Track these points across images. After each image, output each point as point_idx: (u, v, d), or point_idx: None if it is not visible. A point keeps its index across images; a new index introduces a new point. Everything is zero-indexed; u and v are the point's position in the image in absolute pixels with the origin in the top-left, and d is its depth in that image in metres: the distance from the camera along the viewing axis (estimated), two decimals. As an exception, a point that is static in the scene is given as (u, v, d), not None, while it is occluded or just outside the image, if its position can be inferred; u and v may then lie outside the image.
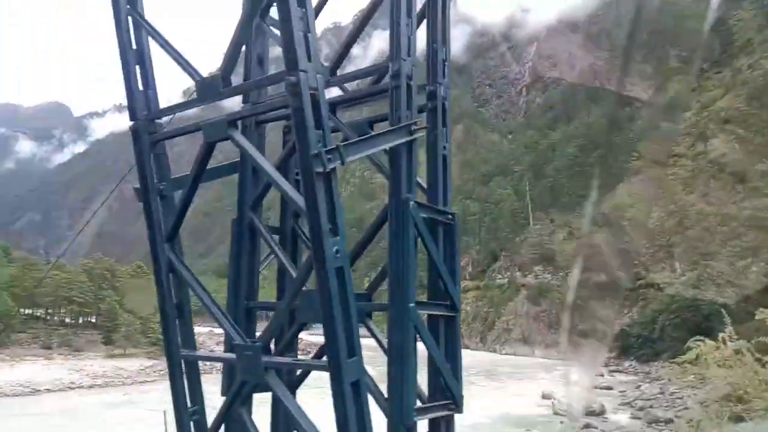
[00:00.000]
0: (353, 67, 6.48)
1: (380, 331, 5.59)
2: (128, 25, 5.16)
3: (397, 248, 4.79)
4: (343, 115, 5.95)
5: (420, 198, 5.18)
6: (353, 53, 6.53)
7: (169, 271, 5.19)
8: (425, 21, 5.47)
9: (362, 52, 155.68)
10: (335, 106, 5.69)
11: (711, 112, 75.76)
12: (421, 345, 4.93)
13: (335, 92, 5.93)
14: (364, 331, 4.91)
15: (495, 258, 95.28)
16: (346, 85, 6.08)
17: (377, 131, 5.25)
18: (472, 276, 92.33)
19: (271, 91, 5.68)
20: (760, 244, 57.83)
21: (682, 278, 63.90)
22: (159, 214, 5.19)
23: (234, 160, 5.78)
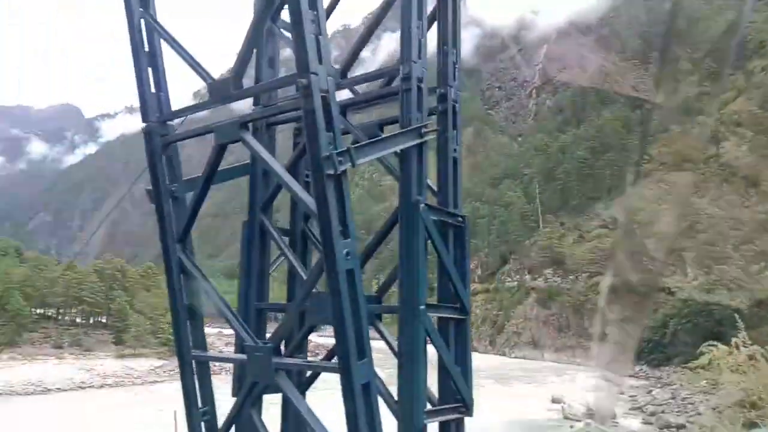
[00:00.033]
0: (362, 69, 6.49)
1: (390, 333, 5.59)
2: (141, 28, 5.18)
3: (408, 251, 4.77)
4: (353, 118, 5.95)
5: (430, 200, 5.17)
6: (362, 55, 6.54)
7: (181, 272, 5.21)
8: (435, 24, 5.48)
9: (371, 54, 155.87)
10: (345, 108, 5.70)
11: (723, 115, 75.12)
12: (431, 348, 4.92)
13: (345, 94, 5.94)
14: (373, 333, 4.90)
15: (504, 261, 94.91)
16: (356, 87, 6.09)
17: (387, 134, 5.25)
18: (482, 279, 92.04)
19: (281, 93, 5.70)
20: (773, 249, 57.21)
21: (694, 282, 63.33)
22: (171, 216, 5.21)
23: (245, 162, 5.79)
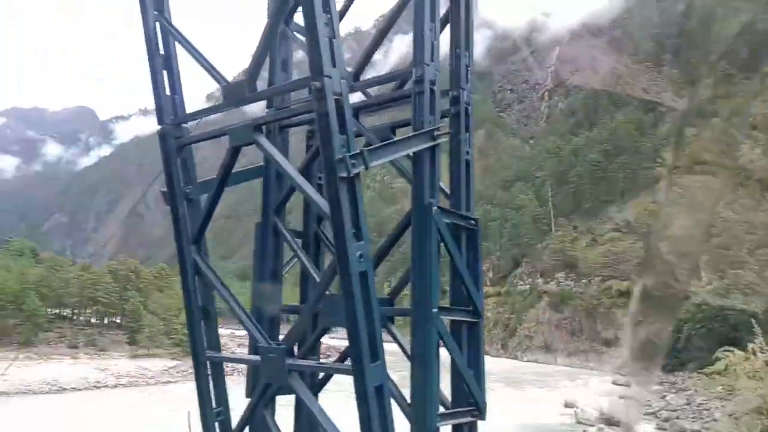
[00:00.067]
0: (374, 71, 6.50)
1: (402, 335, 5.59)
2: (156, 31, 5.23)
3: (420, 253, 4.77)
4: (366, 120, 5.97)
5: (443, 203, 5.16)
6: (374, 58, 6.56)
7: (195, 273, 5.25)
8: (448, 26, 5.48)
9: (383, 57, 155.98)
10: (358, 110, 5.71)
11: (738, 118, 74.14)
12: (443, 350, 4.91)
13: (357, 97, 5.95)
14: (386, 335, 4.90)
15: (516, 264, 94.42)
16: (369, 90, 6.11)
17: (400, 136, 5.25)
18: (493, 282, 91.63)
19: (294, 96, 5.72)
20: (790, 253, 56.38)
21: (708, 287, 62.56)
22: (185, 217, 5.25)
23: (258, 165, 5.82)
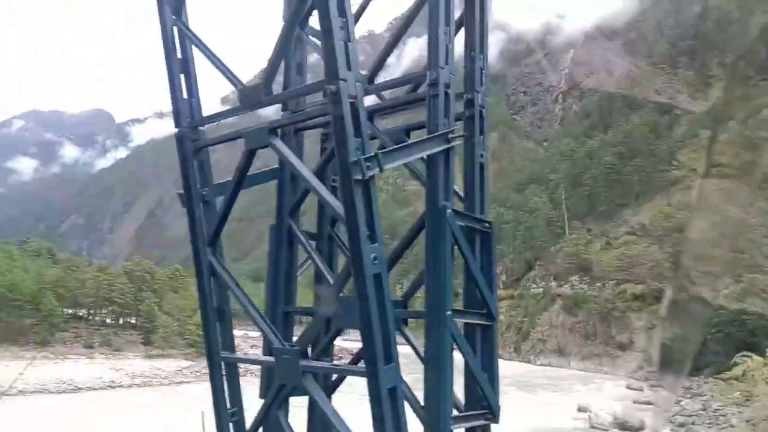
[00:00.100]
0: (387, 74, 6.53)
1: (415, 338, 5.60)
2: (173, 35, 5.30)
3: (434, 256, 4.78)
4: (380, 123, 5.99)
5: (457, 206, 5.17)
6: (387, 61, 6.59)
7: (211, 274, 5.30)
8: (462, 29, 5.48)
9: (396, 59, 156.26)
10: (372, 113, 5.74)
11: (757, 120, 73.27)
12: (457, 354, 4.91)
13: (371, 99, 5.98)
14: (399, 337, 4.92)
15: (530, 267, 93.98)
16: (383, 93, 6.13)
17: (414, 139, 5.27)
18: (506, 285, 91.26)
19: (308, 98, 5.77)
20: (809, 257, 55.51)
21: (725, 291, 61.75)
22: (201, 219, 5.31)
23: (273, 167, 5.87)
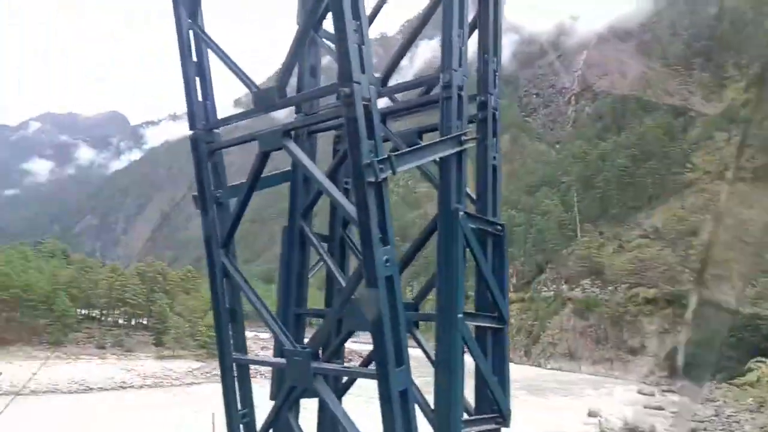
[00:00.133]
0: (399, 76, 6.54)
1: (426, 341, 5.59)
2: (189, 39, 5.35)
3: (446, 258, 4.78)
4: (392, 125, 6.00)
5: (469, 208, 5.16)
6: (400, 63, 6.61)
7: (224, 276, 5.33)
8: (476, 31, 5.48)
9: (408, 62, 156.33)
10: (385, 116, 5.76)
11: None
12: (467, 356, 4.90)
13: (384, 102, 5.99)
14: (409, 340, 4.91)
15: (540, 270, 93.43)
16: (395, 95, 6.14)
17: (426, 141, 5.27)
18: (517, 288, 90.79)
19: (321, 101, 5.79)
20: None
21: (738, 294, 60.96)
22: (215, 221, 5.35)
23: (286, 170, 5.90)
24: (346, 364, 6.12)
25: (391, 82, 6.18)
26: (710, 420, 40.65)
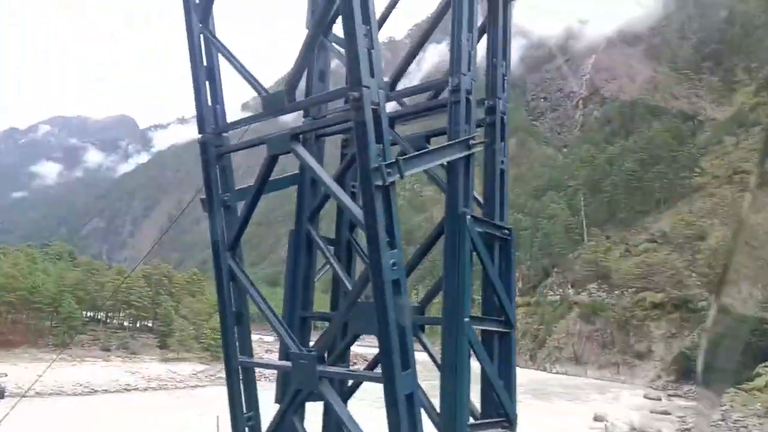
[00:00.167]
0: (407, 80, 6.55)
1: (432, 344, 5.58)
2: (200, 43, 5.38)
3: (453, 262, 4.76)
4: (400, 129, 6.00)
5: (476, 212, 5.15)
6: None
7: (230, 279, 5.34)
8: (485, 35, 5.48)
9: (416, 65, 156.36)
10: (393, 120, 5.75)
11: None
12: (474, 361, 4.89)
13: (392, 106, 5.99)
14: (415, 344, 4.90)
15: (547, 274, 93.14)
16: (404, 99, 6.14)
17: (434, 145, 5.27)
18: (523, 292, 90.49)
19: (329, 105, 5.80)
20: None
21: (745, 298, 60.50)
22: (222, 224, 5.36)
23: (293, 173, 5.91)
24: (351, 368, 6.11)
25: (399, 86, 6.19)
26: (717, 425, 40.31)
